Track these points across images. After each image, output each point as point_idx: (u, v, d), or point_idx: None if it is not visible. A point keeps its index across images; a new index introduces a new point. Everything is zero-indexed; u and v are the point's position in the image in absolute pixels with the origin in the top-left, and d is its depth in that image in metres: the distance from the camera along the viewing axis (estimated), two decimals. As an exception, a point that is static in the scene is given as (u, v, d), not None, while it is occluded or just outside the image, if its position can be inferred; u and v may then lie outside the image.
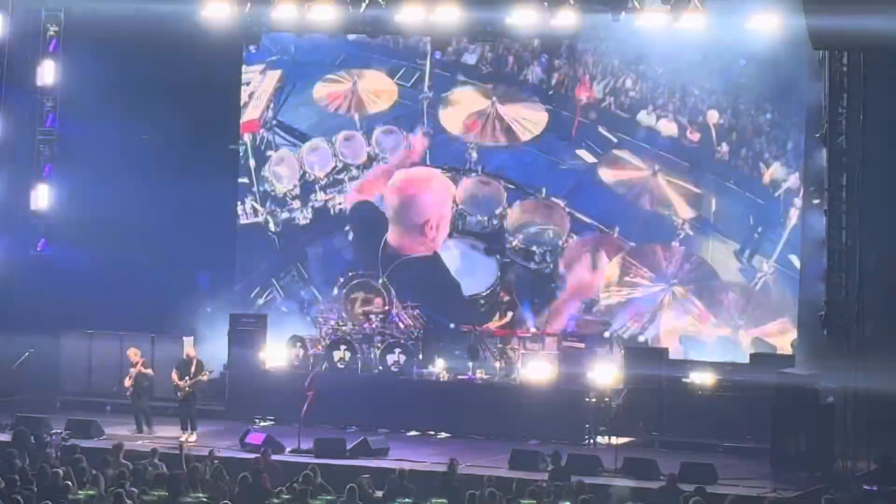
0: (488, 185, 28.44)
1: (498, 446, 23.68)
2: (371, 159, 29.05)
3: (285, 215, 29.38)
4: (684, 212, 27.39)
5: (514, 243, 28.20)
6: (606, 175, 27.81)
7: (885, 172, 24.42)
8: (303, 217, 29.34)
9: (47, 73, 27.56)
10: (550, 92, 28.21)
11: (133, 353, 25.23)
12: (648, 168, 27.53)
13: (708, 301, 27.11)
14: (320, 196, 29.32)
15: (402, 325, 27.18)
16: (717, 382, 25.18)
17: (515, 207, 28.39)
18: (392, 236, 28.93)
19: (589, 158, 27.89)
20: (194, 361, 24.79)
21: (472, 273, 28.49)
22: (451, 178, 28.67)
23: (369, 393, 25.97)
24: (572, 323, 27.61)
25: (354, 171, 29.16)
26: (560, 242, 28.05)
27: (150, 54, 26.97)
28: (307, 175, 29.37)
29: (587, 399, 25.12)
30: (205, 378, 24.72)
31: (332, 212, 29.27)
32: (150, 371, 25.10)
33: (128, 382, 24.99)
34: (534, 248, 28.19)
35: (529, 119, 28.31)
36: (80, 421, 24.33)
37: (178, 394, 24.58)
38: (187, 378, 24.55)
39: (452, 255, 28.64)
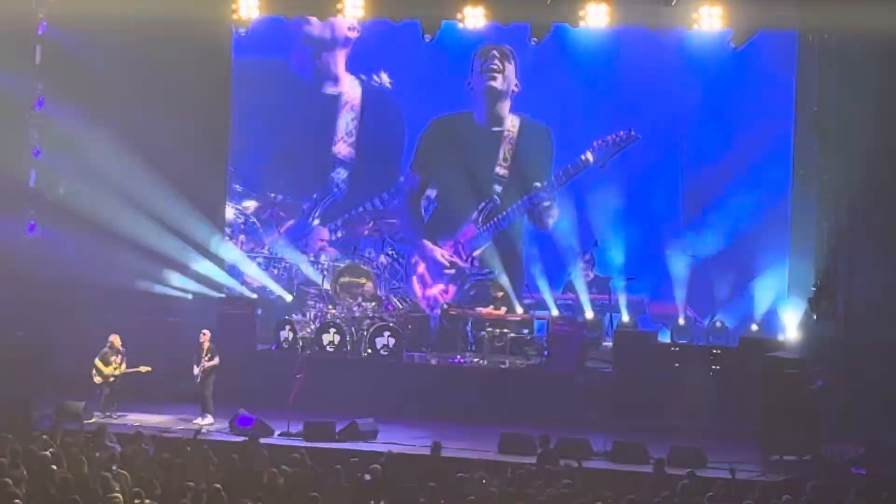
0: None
1: (487, 430, 23.68)
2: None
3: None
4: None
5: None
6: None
7: (875, 157, 24.49)
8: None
9: (37, 56, 27.49)
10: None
11: (116, 339, 25.21)
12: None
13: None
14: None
15: (392, 309, 27.19)
16: (705, 366, 25.23)
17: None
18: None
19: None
20: (205, 348, 24.83)
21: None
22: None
23: (358, 376, 25.95)
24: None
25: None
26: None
27: (140, 37, 26.88)
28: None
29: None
30: (211, 362, 24.73)
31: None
32: (122, 367, 25.09)
33: (115, 371, 25.00)
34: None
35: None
36: (69, 404, 24.33)
37: (196, 380, 24.75)
38: (198, 366, 24.71)
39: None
